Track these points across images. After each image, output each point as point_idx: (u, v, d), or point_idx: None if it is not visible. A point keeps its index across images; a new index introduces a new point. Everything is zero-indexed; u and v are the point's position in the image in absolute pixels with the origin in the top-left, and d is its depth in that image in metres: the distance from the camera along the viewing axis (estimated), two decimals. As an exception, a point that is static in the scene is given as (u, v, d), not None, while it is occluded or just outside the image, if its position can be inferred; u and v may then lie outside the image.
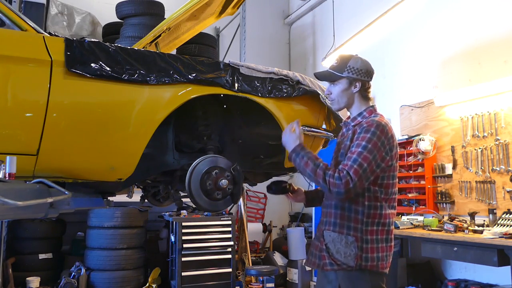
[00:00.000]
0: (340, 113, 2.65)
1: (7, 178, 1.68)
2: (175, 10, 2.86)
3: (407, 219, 4.18)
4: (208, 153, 2.53)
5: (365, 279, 2.04)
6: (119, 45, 2.21)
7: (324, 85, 2.68)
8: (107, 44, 2.14)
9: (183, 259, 4.85)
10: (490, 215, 3.77)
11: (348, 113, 2.28)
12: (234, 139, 2.84)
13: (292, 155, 2.11)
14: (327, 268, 2.05)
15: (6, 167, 1.71)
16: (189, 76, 2.27)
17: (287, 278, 5.60)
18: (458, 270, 4.34)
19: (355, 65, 2.11)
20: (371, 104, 2.19)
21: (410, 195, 4.66)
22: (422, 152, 4.51)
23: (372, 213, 2.04)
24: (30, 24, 2.04)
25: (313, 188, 2.40)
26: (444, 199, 4.39)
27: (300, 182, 6.29)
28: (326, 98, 2.42)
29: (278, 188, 2.45)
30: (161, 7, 5.43)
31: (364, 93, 2.17)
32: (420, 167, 4.60)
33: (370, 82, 2.18)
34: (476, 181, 4.14)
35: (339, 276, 2.08)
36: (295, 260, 5.51)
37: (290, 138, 2.14)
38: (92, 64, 2.04)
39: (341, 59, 2.14)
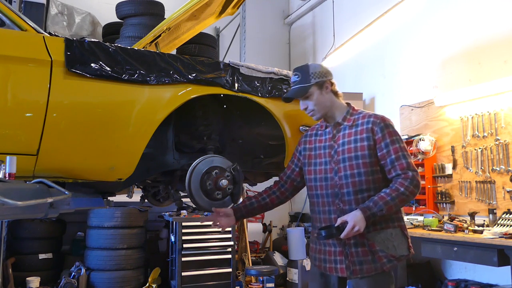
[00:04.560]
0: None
1: (7, 178, 1.68)
2: (175, 10, 2.86)
3: (407, 219, 4.17)
4: (208, 153, 2.52)
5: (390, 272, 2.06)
6: (119, 45, 2.21)
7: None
8: (107, 44, 2.14)
9: (183, 259, 4.85)
10: (490, 215, 3.77)
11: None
12: (234, 139, 2.84)
13: (372, 219, 1.95)
14: (387, 267, 1.99)
15: (6, 167, 1.70)
16: (189, 76, 2.27)
17: (287, 278, 5.60)
18: (458, 270, 4.34)
19: (315, 69, 2.13)
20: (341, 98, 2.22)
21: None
22: (422, 152, 4.52)
23: None
24: (30, 24, 2.04)
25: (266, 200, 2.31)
26: (444, 199, 4.38)
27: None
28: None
29: None
30: (161, 7, 5.43)
31: (335, 90, 2.19)
32: (420, 167, 4.59)
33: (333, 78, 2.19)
34: (476, 181, 4.14)
35: (369, 278, 2.00)
36: (295, 260, 5.49)
37: (354, 219, 1.92)
38: (92, 64, 2.04)
39: (300, 71, 2.14)
